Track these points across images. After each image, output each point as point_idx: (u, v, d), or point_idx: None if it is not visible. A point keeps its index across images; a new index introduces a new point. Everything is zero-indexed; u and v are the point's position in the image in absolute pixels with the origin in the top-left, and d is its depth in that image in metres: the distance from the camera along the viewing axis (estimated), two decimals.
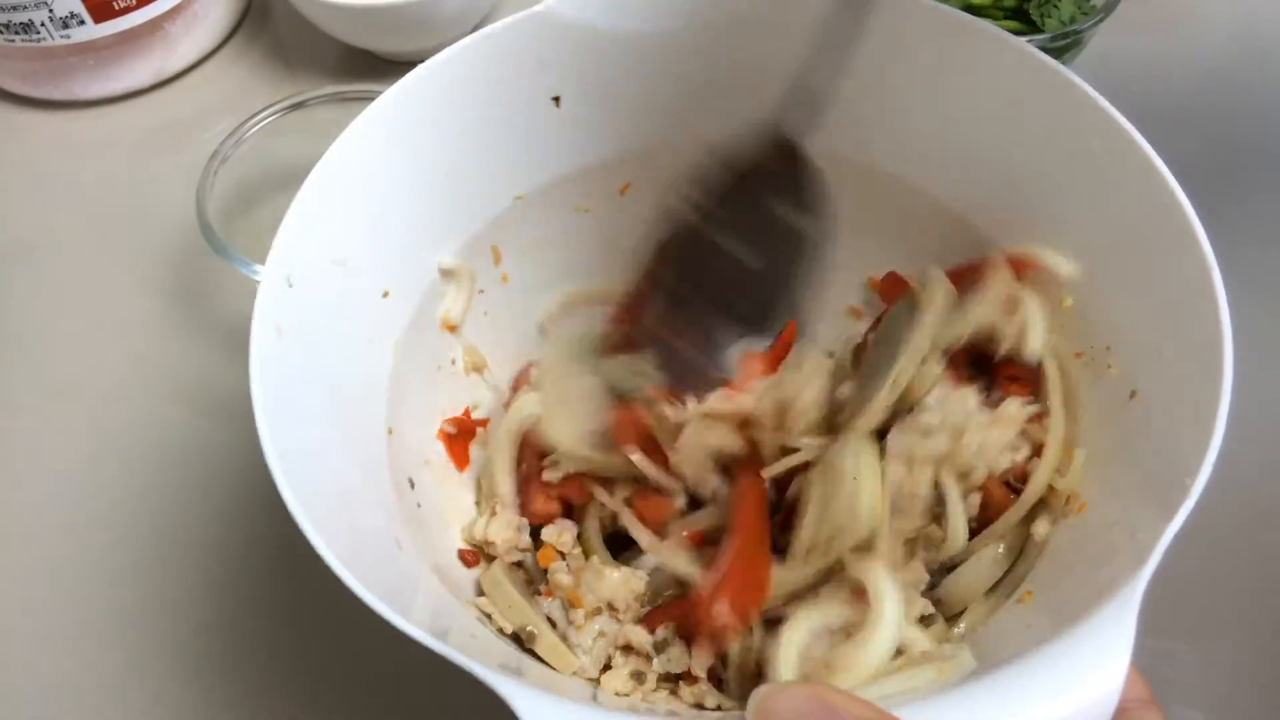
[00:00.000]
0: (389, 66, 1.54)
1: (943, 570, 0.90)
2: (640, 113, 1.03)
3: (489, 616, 0.91)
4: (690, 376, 0.95)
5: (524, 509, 1.01)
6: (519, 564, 1.00)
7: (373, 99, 0.90)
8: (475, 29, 0.94)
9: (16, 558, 1.12)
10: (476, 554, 0.97)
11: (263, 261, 1.04)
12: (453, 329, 1.00)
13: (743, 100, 1.01)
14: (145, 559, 1.10)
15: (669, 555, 0.93)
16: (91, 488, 1.17)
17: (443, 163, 0.96)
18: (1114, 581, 0.65)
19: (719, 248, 0.92)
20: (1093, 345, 0.89)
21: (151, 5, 1.45)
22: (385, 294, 0.94)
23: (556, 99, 0.99)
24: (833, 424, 0.94)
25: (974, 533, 0.90)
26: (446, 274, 1.01)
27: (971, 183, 0.99)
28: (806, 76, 0.88)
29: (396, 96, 0.91)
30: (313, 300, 0.85)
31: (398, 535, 0.86)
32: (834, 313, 1.15)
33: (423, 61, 0.92)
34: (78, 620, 1.07)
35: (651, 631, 0.91)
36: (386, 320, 0.95)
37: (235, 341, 1.23)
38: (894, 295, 1.07)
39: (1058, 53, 1.30)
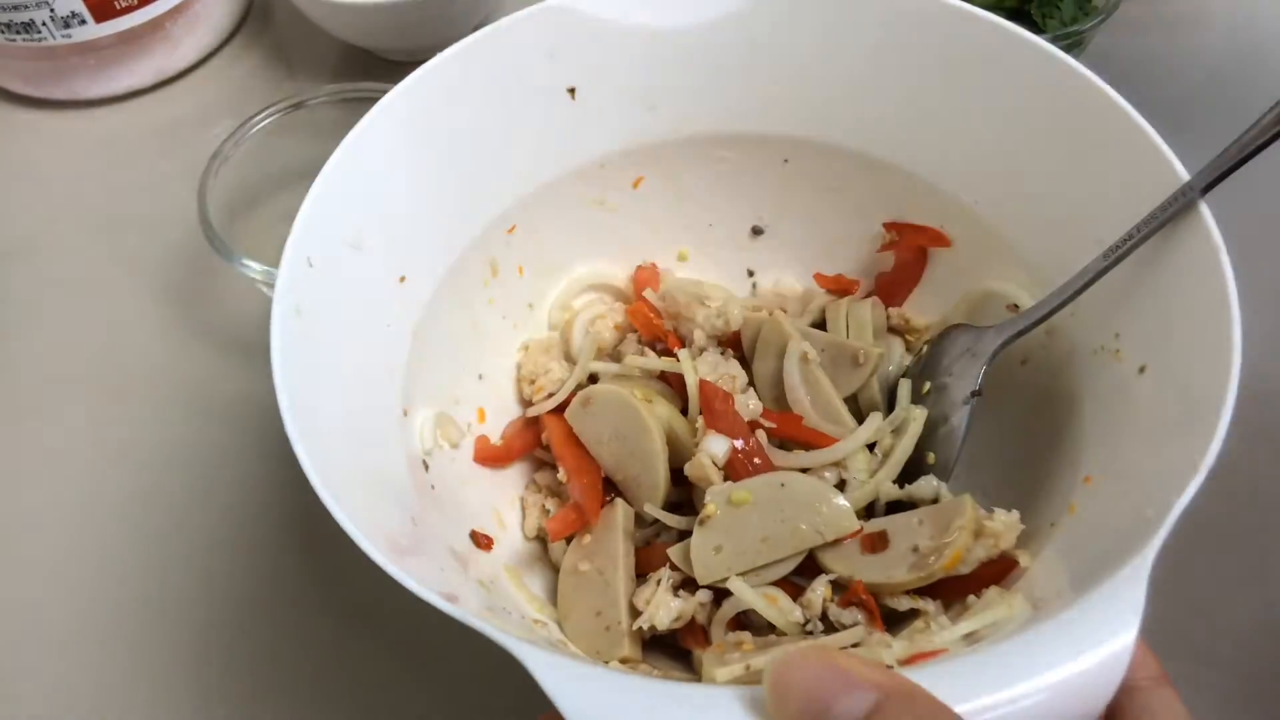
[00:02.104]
0: (389, 66, 1.54)
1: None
2: (654, 105, 1.05)
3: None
4: None
5: None
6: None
7: (373, 98, 0.91)
8: (476, 28, 0.95)
9: (17, 558, 1.11)
10: (489, 537, 0.98)
11: (264, 261, 1.04)
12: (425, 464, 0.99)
13: (756, 94, 1.02)
14: (146, 559, 1.10)
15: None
16: (92, 487, 1.16)
17: (459, 152, 0.97)
18: (1123, 555, 0.67)
19: None
20: (1101, 335, 0.90)
21: (153, 5, 1.45)
22: (402, 279, 0.94)
23: (572, 90, 1.01)
24: None
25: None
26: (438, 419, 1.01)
27: (978, 174, 1.01)
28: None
29: (413, 85, 0.93)
30: (332, 282, 0.86)
31: (413, 514, 0.86)
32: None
33: (424, 61, 0.93)
34: (78, 620, 1.07)
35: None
36: (404, 305, 0.95)
37: (236, 340, 1.24)
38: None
39: None
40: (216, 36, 1.60)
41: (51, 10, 1.38)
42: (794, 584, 0.92)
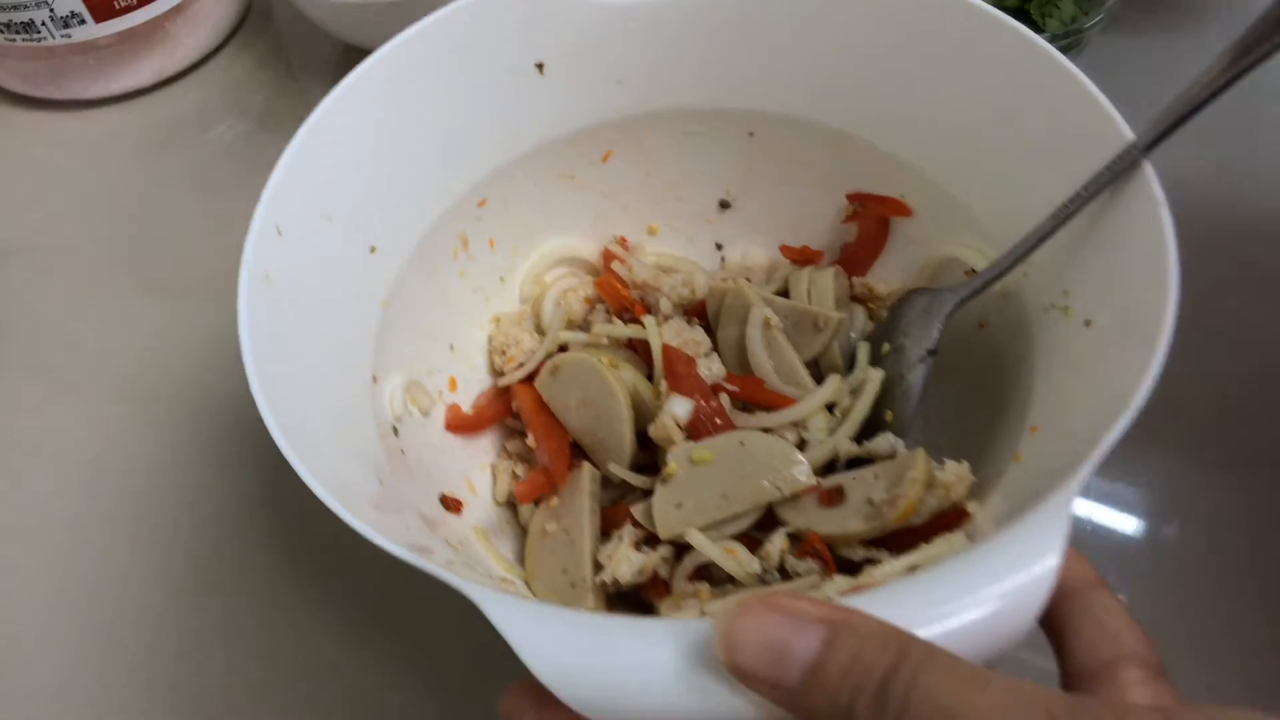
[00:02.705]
0: None
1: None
2: (622, 80, 1.07)
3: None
4: None
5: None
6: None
7: None
8: None
9: (16, 558, 1.12)
10: (459, 500, 1.00)
11: None
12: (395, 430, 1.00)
13: (723, 68, 1.04)
14: (145, 560, 1.10)
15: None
16: (92, 487, 1.16)
17: (429, 125, 1.00)
18: (1053, 486, 0.68)
19: None
20: (1052, 292, 0.92)
21: (152, 4, 1.48)
22: (373, 249, 0.96)
23: (540, 65, 1.03)
24: None
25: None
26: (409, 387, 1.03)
27: (936, 142, 1.03)
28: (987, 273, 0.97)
29: (382, 59, 0.96)
30: (301, 251, 0.88)
31: (381, 477, 0.88)
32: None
33: None
34: (77, 620, 1.07)
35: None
36: (374, 277, 0.97)
37: (237, 341, 1.25)
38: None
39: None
40: (216, 36, 1.62)
41: (51, 10, 1.40)
42: (754, 538, 0.94)
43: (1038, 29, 1.37)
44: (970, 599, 0.61)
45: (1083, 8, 1.39)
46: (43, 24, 1.41)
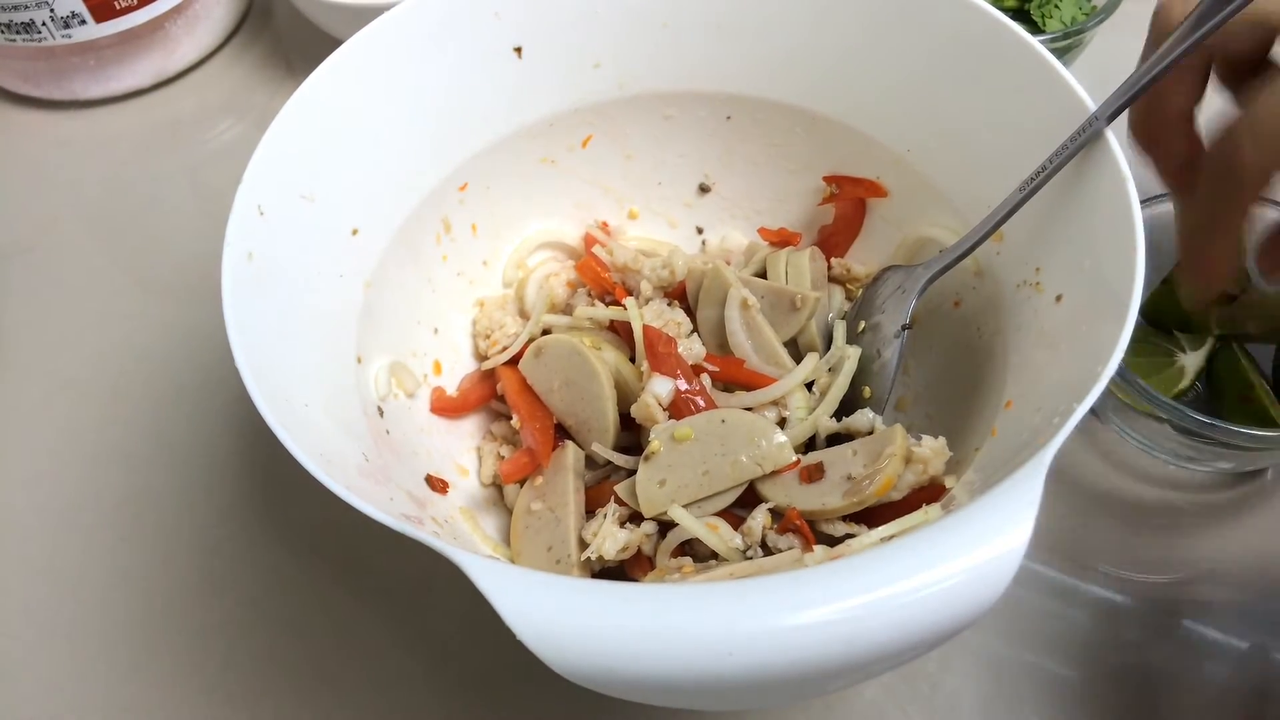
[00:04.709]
0: None
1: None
2: (599, 64, 1.08)
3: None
4: None
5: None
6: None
7: None
8: None
9: (17, 558, 1.12)
10: (445, 481, 1.01)
11: None
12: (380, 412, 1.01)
13: (700, 52, 1.05)
14: (147, 559, 1.10)
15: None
16: (93, 487, 1.17)
17: (408, 108, 1.01)
18: (1025, 458, 0.70)
19: None
20: (1024, 270, 0.94)
21: (153, 5, 1.48)
22: (354, 231, 0.97)
23: (518, 49, 1.04)
24: None
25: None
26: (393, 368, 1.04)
27: (909, 124, 1.06)
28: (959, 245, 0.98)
29: (361, 43, 0.97)
30: (283, 231, 0.89)
31: (365, 451, 0.89)
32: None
33: None
34: (79, 620, 1.07)
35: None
36: (356, 257, 0.98)
37: None
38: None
39: (1059, 53, 1.32)
40: (216, 36, 1.62)
41: (51, 10, 1.40)
42: (736, 515, 0.96)
43: (1038, 29, 1.38)
44: (940, 568, 0.61)
45: (1083, 8, 1.40)
46: (43, 24, 1.41)
